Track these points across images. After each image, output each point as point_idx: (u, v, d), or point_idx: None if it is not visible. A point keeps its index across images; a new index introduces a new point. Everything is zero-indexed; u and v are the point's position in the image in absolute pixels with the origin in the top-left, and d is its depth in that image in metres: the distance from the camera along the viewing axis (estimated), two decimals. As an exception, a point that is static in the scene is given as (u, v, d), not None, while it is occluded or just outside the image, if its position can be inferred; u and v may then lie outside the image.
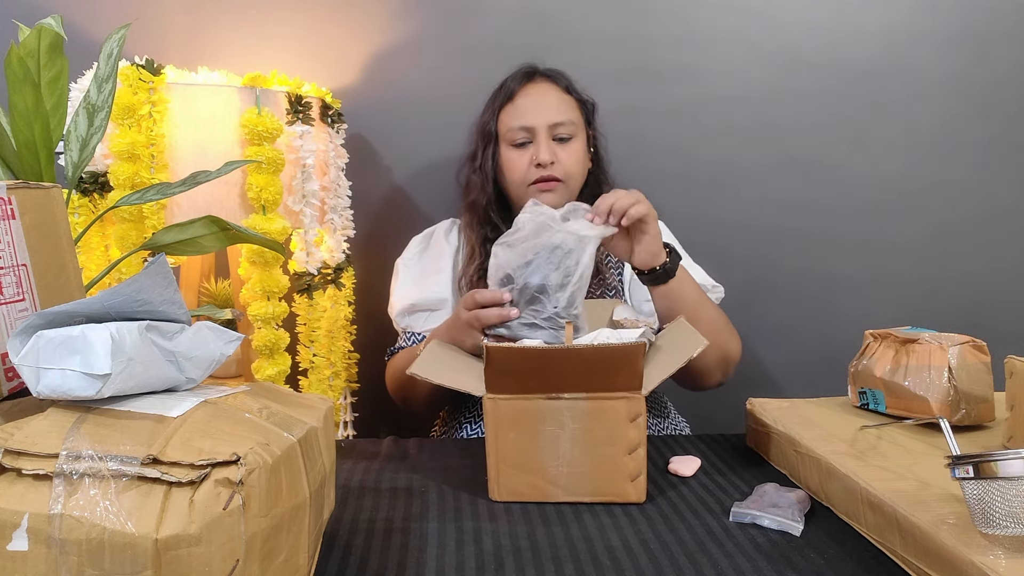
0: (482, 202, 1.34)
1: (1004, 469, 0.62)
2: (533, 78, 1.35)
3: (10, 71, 0.88)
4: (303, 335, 1.40)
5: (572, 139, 1.31)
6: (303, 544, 0.60)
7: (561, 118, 1.30)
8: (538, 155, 1.28)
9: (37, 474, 0.50)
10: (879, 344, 1.06)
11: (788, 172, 1.70)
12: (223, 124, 1.27)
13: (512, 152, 1.32)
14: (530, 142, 1.30)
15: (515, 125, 1.31)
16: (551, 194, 1.29)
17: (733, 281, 1.70)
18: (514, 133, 1.31)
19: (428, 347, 1.03)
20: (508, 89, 1.34)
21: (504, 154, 1.33)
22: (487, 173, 1.34)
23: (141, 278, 0.63)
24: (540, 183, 1.29)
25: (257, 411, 0.63)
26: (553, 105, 1.31)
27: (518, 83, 1.33)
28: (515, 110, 1.32)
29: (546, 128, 1.29)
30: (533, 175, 1.29)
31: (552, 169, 1.28)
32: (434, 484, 0.96)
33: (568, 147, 1.31)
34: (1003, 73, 1.70)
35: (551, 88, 1.34)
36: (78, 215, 1.23)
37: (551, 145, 1.29)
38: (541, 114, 1.30)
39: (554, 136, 1.30)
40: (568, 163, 1.30)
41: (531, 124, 1.30)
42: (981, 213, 1.73)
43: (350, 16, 1.61)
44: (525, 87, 1.33)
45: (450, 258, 1.38)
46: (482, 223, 1.35)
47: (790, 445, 0.96)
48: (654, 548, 0.77)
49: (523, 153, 1.31)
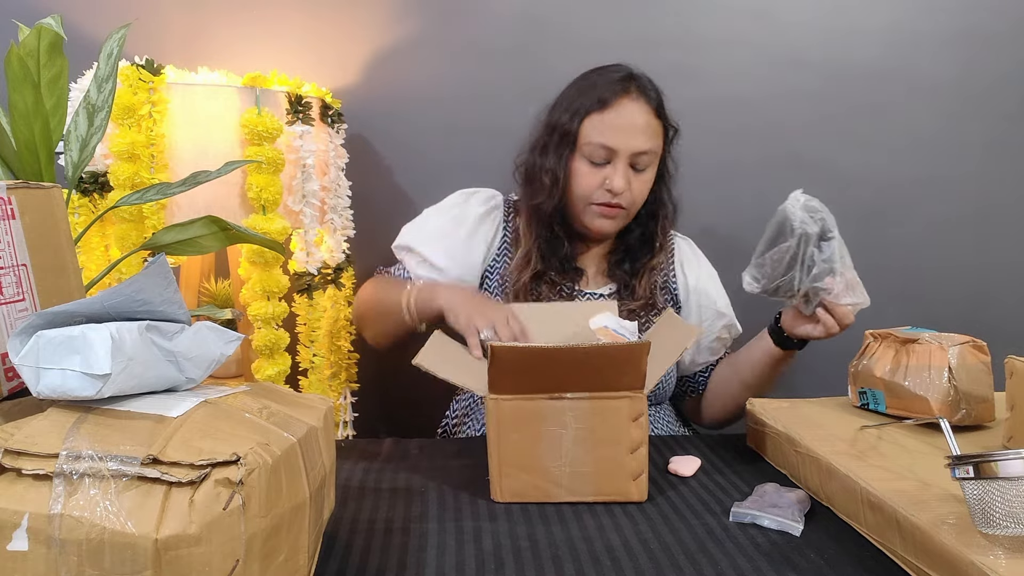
0: (548, 208, 1.27)
1: (1004, 469, 0.62)
2: (629, 90, 1.23)
3: (10, 71, 0.88)
4: (303, 335, 1.40)
5: (647, 169, 1.26)
6: (303, 544, 0.60)
7: (646, 147, 1.23)
8: (613, 183, 1.22)
9: (37, 474, 0.50)
10: (879, 344, 1.06)
11: (788, 172, 1.70)
12: (223, 124, 1.27)
13: (585, 166, 1.24)
14: (608, 162, 1.23)
15: (598, 142, 1.22)
16: (611, 221, 1.26)
17: (734, 281, 1.70)
18: (594, 149, 1.22)
19: (432, 338, 1.04)
20: (600, 96, 1.23)
21: (576, 165, 1.25)
22: (558, 179, 1.25)
23: (141, 278, 0.63)
24: (604, 207, 1.24)
25: (257, 411, 0.63)
26: (641, 130, 1.23)
27: (613, 93, 1.22)
28: (602, 124, 1.22)
29: (628, 155, 1.22)
30: (600, 197, 1.24)
31: (621, 198, 1.23)
32: (434, 484, 0.96)
33: (642, 176, 1.26)
34: (1003, 73, 1.70)
35: (643, 108, 1.24)
36: (78, 215, 1.23)
37: (628, 173, 1.23)
38: (628, 139, 1.21)
39: (633, 164, 1.24)
40: (637, 193, 1.26)
41: (615, 146, 1.21)
42: (981, 212, 1.73)
43: (350, 16, 1.61)
44: (620, 100, 1.22)
45: (476, 229, 1.33)
46: (542, 225, 1.29)
47: (790, 445, 0.96)
48: (654, 548, 0.77)
49: (597, 172, 1.23)
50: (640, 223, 1.33)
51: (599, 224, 1.27)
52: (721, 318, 1.36)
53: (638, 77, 1.27)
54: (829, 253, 1.07)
